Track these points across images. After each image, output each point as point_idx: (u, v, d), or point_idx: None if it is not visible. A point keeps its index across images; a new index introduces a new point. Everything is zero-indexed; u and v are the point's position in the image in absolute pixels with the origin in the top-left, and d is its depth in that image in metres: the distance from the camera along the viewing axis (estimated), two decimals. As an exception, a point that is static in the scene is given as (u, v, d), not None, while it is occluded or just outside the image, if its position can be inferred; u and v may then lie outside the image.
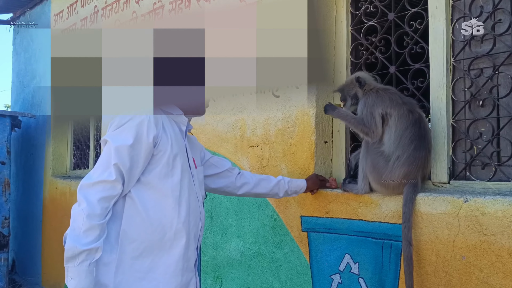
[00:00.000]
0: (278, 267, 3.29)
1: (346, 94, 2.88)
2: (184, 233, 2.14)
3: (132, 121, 2.07)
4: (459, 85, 2.71)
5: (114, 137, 2.06)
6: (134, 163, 2.05)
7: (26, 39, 7.43)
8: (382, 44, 3.10)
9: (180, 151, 2.18)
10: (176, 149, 2.16)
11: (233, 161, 3.66)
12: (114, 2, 5.25)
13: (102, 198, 1.98)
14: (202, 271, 3.91)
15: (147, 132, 2.06)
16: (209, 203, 3.85)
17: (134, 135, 2.05)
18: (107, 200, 1.99)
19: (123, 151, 2.02)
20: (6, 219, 6.10)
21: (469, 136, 2.64)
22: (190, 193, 2.21)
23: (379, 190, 2.72)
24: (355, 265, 2.84)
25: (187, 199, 2.17)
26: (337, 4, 3.27)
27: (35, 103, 6.96)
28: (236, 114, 3.65)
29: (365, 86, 2.80)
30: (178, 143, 2.19)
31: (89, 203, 1.95)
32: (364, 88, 2.80)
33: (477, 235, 2.31)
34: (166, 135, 2.13)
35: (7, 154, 6.14)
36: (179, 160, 2.16)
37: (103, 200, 1.98)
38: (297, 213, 3.18)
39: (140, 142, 2.05)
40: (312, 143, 3.13)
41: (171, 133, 2.17)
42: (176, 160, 2.15)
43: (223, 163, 2.73)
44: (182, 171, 2.17)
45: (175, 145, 2.16)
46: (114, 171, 2.00)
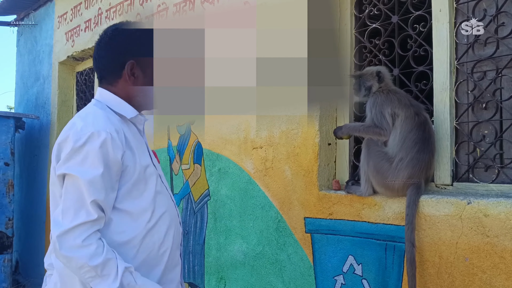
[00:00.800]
0: (282, 268, 3.31)
1: (362, 83, 2.87)
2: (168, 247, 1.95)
3: (92, 143, 1.75)
4: (462, 88, 2.73)
5: (79, 169, 1.73)
6: (109, 192, 1.78)
7: (30, 40, 7.46)
8: (386, 46, 3.11)
9: (144, 156, 1.94)
10: (144, 159, 1.93)
11: (237, 162, 3.68)
12: (118, 4, 5.28)
13: (86, 238, 1.70)
14: (205, 272, 3.92)
15: (113, 151, 1.78)
16: (212, 205, 3.87)
17: (102, 161, 1.75)
18: (92, 237, 1.72)
19: (97, 183, 1.73)
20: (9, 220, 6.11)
21: (472, 139, 2.65)
22: (165, 201, 1.99)
23: (382, 192, 2.74)
24: (359, 267, 2.85)
25: (164, 210, 1.95)
26: (341, 7, 3.28)
27: (39, 105, 6.99)
28: (240, 116, 3.66)
29: (382, 83, 2.81)
30: (140, 146, 1.95)
31: (77, 252, 1.68)
32: (381, 85, 2.80)
33: (480, 237, 2.33)
34: (129, 145, 1.88)
35: (11, 155, 6.16)
36: (149, 170, 1.93)
37: (88, 239, 1.70)
38: (301, 214, 3.20)
39: (110, 166, 1.77)
40: (316, 145, 3.14)
41: (131, 138, 1.92)
42: (147, 171, 1.91)
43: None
44: (153, 182, 1.94)
45: (140, 153, 1.92)
46: (93, 209, 1.72)
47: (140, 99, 1.99)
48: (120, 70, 1.94)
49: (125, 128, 1.92)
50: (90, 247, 1.69)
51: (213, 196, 3.89)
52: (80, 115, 1.90)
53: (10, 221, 6.11)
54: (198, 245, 4.02)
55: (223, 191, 3.80)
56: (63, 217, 1.71)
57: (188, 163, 4.18)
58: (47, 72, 6.79)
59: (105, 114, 1.88)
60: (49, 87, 6.69)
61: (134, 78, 1.95)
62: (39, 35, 7.15)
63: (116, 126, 1.85)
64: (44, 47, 6.96)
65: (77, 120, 1.85)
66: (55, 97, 6.53)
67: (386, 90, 2.79)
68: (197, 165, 4.08)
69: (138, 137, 2.00)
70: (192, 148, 4.13)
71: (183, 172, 4.23)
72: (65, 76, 6.54)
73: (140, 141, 2.00)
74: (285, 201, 3.30)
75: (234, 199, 3.70)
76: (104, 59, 1.97)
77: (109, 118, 1.87)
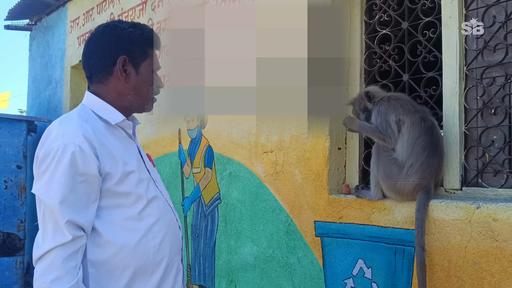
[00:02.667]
0: (292, 272, 3.34)
1: (356, 107, 2.96)
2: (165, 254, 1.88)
3: (60, 159, 1.68)
4: (472, 94, 2.75)
5: (48, 191, 1.67)
6: (85, 206, 1.71)
7: (42, 45, 7.54)
8: (396, 52, 3.14)
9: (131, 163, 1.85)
10: (130, 165, 1.83)
11: (247, 166, 3.71)
12: (131, 9, 5.34)
13: (66, 258, 1.64)
14: (216, 274, 3.96)
15: (83, 165, 1.69)
16: (223, 208, 3.91)
17: (70, 177, 1.67)
18: (72, 258, 1.66)
19: (68, 202, 1.66)
20: (22, 222, 6.18)
21: (481, 144, 2.68)
22: (160, 206, 1.90)
23: (392, 196, 2.76)
24: (368, 270, 2.88)
25: (158, 216, 1.87)
26: (351, 13, 3.32)
27: (51, 108, 7.06)
28: (251, 120, 3.70)
29: (373, 99, 2.86)
30: (126, 153, 1.87)
31: (52, 271, 1.63)
32: (373, 101, 2.86)
33: (489, 241, 2.35)
34: (109, 154, 1.79)
35: (23, 158, 6.22)
36: (136, 175, 1.84)
37: (67, 260, 1.65)
38: (311, 218, 3.23)
39: (81, 180, 1.69)
40: (326, 150, 3.17)
41: (116, 145, 1.84)
42: (130, 177, 1.82)
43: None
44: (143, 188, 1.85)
45: (127, 160, 1.84)
46: (68, 231, 1.65)
47: (132, 98, 1.91)
48: (111, 66, 1.87)
49: (109, 135, 1.84)
50: (60, 270, 1.62)
51: (223, 200, 3.93)
52: (60, 119, 1.84)
53: (22, 224, 6.18)
54: (208, 248, 4.06)
55: (233, 194, 3.84)
56: (42, 239, 1.67)
57: (199, 166, 4.22)
58: (59, 76, 6.87)
59: (80, 122, 1.78)
60: (61, 91, 6.77)
61: (126, 74, 1.88)
62: (52, 39, 7.22)
63: (89, 136, 1.74)
64: (56, 51, 7.04)
65: (55, 125, 1.79)
66: (67, 101, 6.60)
67: (386, 98, 2.82)
68: (208, 168, 4.12)
69: (126, 142, 1.91)
70: (203, 152, 4.17)
71: (194, 175, 4.27)
72: (77, 80, 6.61)
73: (128, 147, 1.90)
74: (295, 205, 3.34)
75: (244, 202, 3.74)
76: (95, 55, 1.88)
77: (82, 126, 1.76)
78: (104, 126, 1.85)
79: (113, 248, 1.77)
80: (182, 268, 2.01)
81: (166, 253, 1.88)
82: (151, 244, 1.83)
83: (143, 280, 1.81)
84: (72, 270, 1.65)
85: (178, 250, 1.97)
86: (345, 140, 3.28)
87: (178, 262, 1.97)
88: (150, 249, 1.82)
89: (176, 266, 1.94)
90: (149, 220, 1.84)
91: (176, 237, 1.95)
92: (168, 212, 1.94)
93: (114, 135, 1.86)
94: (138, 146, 1.99)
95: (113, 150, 1.80)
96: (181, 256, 2.00)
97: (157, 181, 1.98)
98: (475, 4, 2.76)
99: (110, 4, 5.75)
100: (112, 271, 1.77)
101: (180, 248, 1.99)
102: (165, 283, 1.89)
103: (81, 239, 1.69)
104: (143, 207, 1.83)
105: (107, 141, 1.80)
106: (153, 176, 1.96)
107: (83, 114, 1.85)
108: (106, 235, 1.76)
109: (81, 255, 1.70)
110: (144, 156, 2.00)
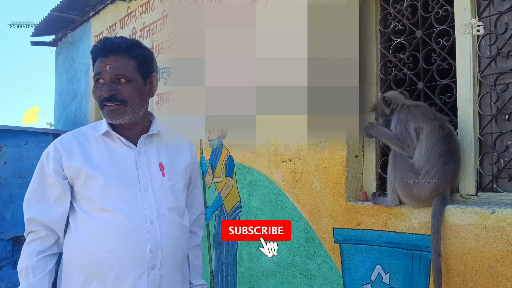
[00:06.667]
0: (312, 278, 3.38)
1: (377, 114, 3.03)
2: (116, 264, 1.90)
3: (39, 162, 1.99)
4: (486, 100, 2.78)
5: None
6: (47, 205, 1.95)
7: (68, 60, 7.72)
8: (410, 61, 3.18)
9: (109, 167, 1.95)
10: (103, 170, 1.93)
11: (267, 175, 3.78)
12: (152, 23, 5.47)
13: (24, 248, 1.95)
14: (238, 281, 4.02)
15: (47, 167, 1.95)
16: (244, 216, 3.97)
17: (38, 177, 1.97)
18: (27, 248, 1.95)
19: (30, 201, 1.97)
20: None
21: (495, 149, 2.70)
22: (125, 209, 1.93)
23: (408, 202, 2.80)
24: (386, 275, 2.91)
25: (116, 224, 1.90)
26: (366, 23, 3.37)
27: (77, 121, 7.22)
28: (270, 130, 3.77)
29: (391, 105, 2.91)
30: (113, 158, 1.98)
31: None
32: (391, 106, 2.91)
33: (505, 245, 2.37)
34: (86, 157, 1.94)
35: (51, 170, 6.37)
36: (101, 181, 1.92)
37: (25, 249, 1.95)
38: (330, 225, 3.28)
39: (43, 181, 1.97)
40: (343, 158, 3.22)
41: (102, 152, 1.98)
42: (96, 182, 1.93)
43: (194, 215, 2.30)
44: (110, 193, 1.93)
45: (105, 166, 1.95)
46: (29, 226, 1.95)
47: (146, 109, 2.07)
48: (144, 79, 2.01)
49: (95, 144, 1.99)
50: (21, 256, 1.93)
51: (244, 208, 4.00)
52: None
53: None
54: (230, 255, 4.13)
55: (254, 203, 3.91)
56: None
57: (220, 176, 4.30)
58: (84, 89, 7.03)
59: (71, 133, 2.04)
60: (87, 104, 6.93)
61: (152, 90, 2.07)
62: (76, 54, 7.40)
63: (62, 144, 1.97)
64: (81, 66, 7.21)
65: None
66: (92, 114, 6.75)
67: (406, 106, 2.87)
68: (229, 178, 4.19)
69: (117, 150, 2.00)
70: (224, 161, 4.25)
71: (216, 185, 4.35)
72: (102, 93, 6.73)
73: (117, 155, 1.99)
74: (314, 212, 3.39)
75: (265, 210, 3.80)
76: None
77: (64, 136, 2.01)
78: (98, 137, 2.01)
79: (76, 247, 1.93)
80: (148, 285, 1.92)
81: (117, 262, 1.88)
82: (103, 250, 1.89)
83: (98, 284, 1.90)
84: (25, 257, 1.92)
85: (138, 263, 1.91)
86: (362, 148, 3.33)
87: (138, 276, 1.91)
88: (102, 254, 1.89)
89: (131, 279, 1.89)
90: (105, 226, 1.91)
91: (135, 250, 1.91)
92: (132, 220, 1.92)
93: (101, 144, 2.00)
94: (141, 154, 2.02)
95: (90, 156, 1.96)
96: (145, 270, 1.92)
97: (147, 190, 1.98)
98: (488, 11, 2.80)
99: (132, 19, 5.89)
100: (72, 270, 1.94)
101: (145, 262, 1.92)
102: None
103: (37, 233, 1.93)
104: (101, 213, 1.92)
105: (86, 149, 1.97)
106: (143, 185, 1.98)
107: (92, 125, 2.08)
108: (75, 233, 1.93)
109: (34, 247, 1.92)
110: (149, 165, 2.02)
